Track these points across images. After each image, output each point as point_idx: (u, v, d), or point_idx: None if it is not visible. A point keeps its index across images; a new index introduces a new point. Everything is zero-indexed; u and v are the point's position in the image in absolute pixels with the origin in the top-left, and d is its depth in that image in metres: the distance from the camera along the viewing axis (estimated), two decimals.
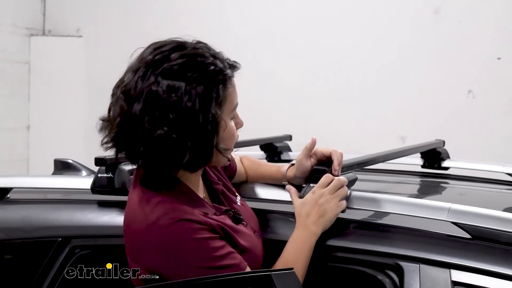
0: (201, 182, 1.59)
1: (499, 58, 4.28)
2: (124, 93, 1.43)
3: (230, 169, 1.78)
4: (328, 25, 4.66)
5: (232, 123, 1.50)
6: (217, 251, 1.42)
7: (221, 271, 1.39)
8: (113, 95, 1.47)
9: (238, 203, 1.66)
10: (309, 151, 1.69)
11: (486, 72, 4.31)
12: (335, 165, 1.63)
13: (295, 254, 1.52)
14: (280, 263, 1.53)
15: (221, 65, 1.45)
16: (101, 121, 1.49)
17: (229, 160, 1.57)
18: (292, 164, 1.75)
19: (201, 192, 1.57)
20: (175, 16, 4.90)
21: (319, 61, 4.67)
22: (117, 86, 1.47)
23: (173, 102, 1.38)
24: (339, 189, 1.59)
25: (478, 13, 4.32)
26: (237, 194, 1.70)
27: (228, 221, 1.53)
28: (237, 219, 1.58)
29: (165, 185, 1.47)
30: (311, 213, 1.56)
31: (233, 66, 1.49)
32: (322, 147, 1.68)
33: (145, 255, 1.42)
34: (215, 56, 1.46)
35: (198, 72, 1.41)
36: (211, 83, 1.41)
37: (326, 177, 1.60)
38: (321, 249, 1.61)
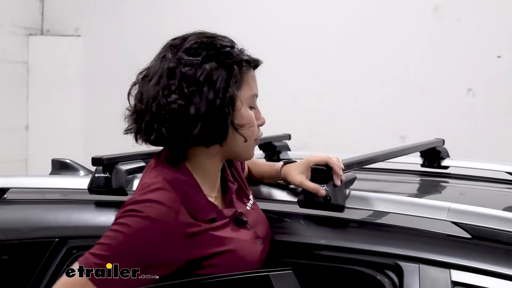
0: (218, 182, 1.59)
1: (499, 57, 4.27)
2: (143, 76, 1.51)
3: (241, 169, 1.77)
4: (328, 24, 4.65)
5: (250, 112, 1.52)
6: (145, 272, 1.38)
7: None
8: (135, 82, 1.53)
9: (248, 207, 1.64)
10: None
11: (486, 71, 4.30)
12: (337, 171, 1.62)
13: None
14: None
15: (237, 52, 1.51)
16: (127, 110, 1.54)
17: (249, 154, 1.56)
18: (285, 163, 1.74)
19: (214, 191, 1.56)
20: (174, 16, 4.89)
21: (319, 60, 4.66)
22: (139, 73, 1.53)
23: (187, 76, 1.43)
24: None
25: (478, 11, 4.32)
26: (250, 198, 1.68)
27: (220, 228, 1.50)
28: (239, 221, 1.56)
29: (177, 173, 1.47)
30: None
31: (253, 58, 1.55)
32: (317, 157, 1.65)
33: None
34: (233, 44, 1.52)
35: (214, 51, 1.46)
36: (226, 63, 1.46)
37: None
38: (319, 249, 1.60)
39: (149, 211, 1.38)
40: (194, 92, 1.42)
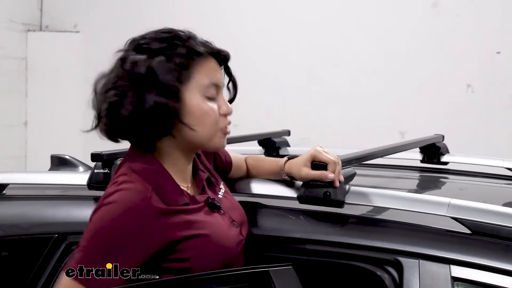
0: (190, 172, 1.59)
1: (498, 52, 4.27)
2: (101, 73, 1.55)
3: (224, 163, 1.78)
4: (327, 22, 4.65)
5: (206, 102, 1.50)
6: (126, 258, 1.39)
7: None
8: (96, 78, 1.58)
9: (220, 195, 1.64)
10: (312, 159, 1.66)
11: (486, 67, 4.30)
12: (334, 172, 1.61)
13: None
14: None
15: (191, 42, 1.49)
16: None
17: (214, 144, 1.54)
18: (289, 157, 1.74)
19: (187, 181, 1.57)
20: (172, 13, 4.89)
21: (318, 56, 4.66)
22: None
23: (127, 71, 1.45)
24: None
25: (477, 7, 4.31)
26: (221, 187, 1.69)
27: (194, 212, 1.51)
28: (213, 205, 1.57)
29: (145, 165, 1.49)
30: None
31: (212, 48, 1.53)
32: (322, 155, 1.64)
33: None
34: (190, 37, 1.51)
35: (163, 44, 1.47)
36: (169, 54, 1.46)
37: None
38: (319, 245, 1.60)
39: (120, 198, 1.40)
40: (133, 87, 1.43)
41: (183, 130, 1.49)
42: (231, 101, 1.62)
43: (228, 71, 1.59)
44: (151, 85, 1.43)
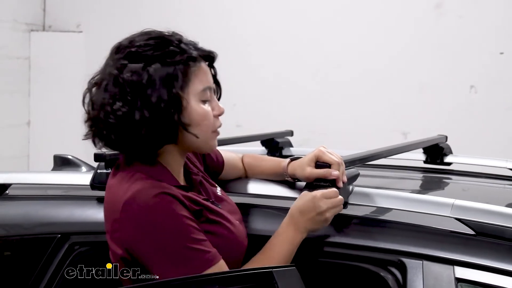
0: (182, 175, 1.60)
1: (501, 53, 4.26)
2: (92, 83, 1.54)
3: (215, 164, 1.78)
4: (330, 21, 4.65)
5: (202, 105, 1.52)
6: (195, 234, 1.43)
7: (197, 254, 1.40)
8: (88, 89, 1.55)
9: (218, 193, 1.67)
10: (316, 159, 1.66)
11: (489, 67, 4.29)
12: (337, 176, 1.60)
13: (279, 250, 1.53)
14: (263, 257, 1.53)
15: (184, 47, 1.49)
16: (86, 114, 1.55)
17: (209, 146, 1.57)
18: (292, 159, 1.73)
19: (182, 182, 1.58)
20: (175, 12, 4.88)
21: (321, 57, 4.65)
22: (90, 79, 1.56)
23: (130, 82, 1.45)
24: (333, 197, 1.57)
25: (480, 8, 4.31)
26: (216, 185, 1.70)
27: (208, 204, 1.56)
28: (215, 204, 1.59)
29: (147, 167, 1.50)
30: (307, 215, 1.54)
31: (203, 51, 1.54)
32: (326, 155, 1.63)
33: (124, 231, 1.43)
34: (181, 40, 1.52)
35: (158, 51, 1.47)
36: (169, 62, 1.46)
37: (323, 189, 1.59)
38: (323, 246, 1.59)
39: (158, 189, 1.42)
40: (136, 98, 1.43)
41: (185, 136, 1.50)
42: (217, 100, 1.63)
43: (214, 71, 1.59)
44: (155, 94, 1.43)
